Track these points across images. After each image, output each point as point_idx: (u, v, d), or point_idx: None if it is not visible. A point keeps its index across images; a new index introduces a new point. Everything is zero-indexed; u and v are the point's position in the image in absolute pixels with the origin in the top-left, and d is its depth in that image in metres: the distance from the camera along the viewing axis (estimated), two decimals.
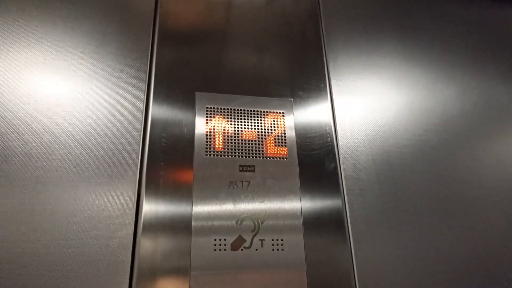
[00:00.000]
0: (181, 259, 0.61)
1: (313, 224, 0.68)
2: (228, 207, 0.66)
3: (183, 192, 0.65)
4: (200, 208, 0.65)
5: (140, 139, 0.68)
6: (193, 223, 0.63)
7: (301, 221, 0.67)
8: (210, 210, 0.65)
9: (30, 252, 0.57)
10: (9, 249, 0.57)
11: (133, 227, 0.62)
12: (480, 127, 0.88)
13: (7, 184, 0.61)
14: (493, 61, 0.97)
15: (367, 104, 0.83)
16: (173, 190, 0.65)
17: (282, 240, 0.66)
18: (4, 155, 0.62)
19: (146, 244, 0.60)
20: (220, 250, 0.63)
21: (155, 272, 0.59)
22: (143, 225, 0.61)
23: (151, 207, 0.63)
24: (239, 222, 0.65)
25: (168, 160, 0.67)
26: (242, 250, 0.64)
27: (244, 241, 0.64)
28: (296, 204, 0.69)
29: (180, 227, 0.63)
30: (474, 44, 0.98)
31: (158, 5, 0.80)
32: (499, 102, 0.92)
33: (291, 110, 0.77)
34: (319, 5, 0.90)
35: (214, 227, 0.64)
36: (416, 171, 0.78)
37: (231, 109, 0.74)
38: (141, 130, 0.69)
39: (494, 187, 0.82)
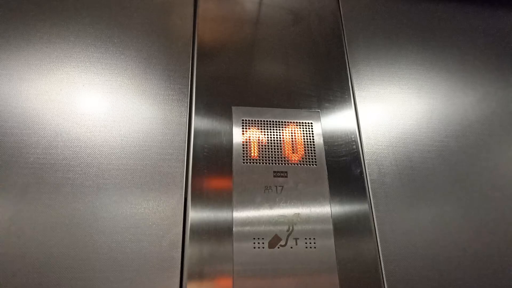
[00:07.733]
0: (225, 257, 0.68)
1: (343, 225, 0.74)
2: (264, 209, 0.73)
3: (224, 196, 0.73)
4: (240, 212, 0.72)
5: (185, 149, 0.76)
6: (234, 226, 0.71)
7: (331, 222, 0.74)
8: (249, 213, 0.72)
9: (97, 251, 0.66)
10: (77, 249, 0.66)
11: (181, 226, 0.70)
12: (498, 132, 0.92)
13: (73, 190, 0.70)
14: (511, 69, 1.01)
15: (389, 112, 0.89)
16: (216, 194, 0.73)
17: (314, 239, 0.72)
18: (69, 165, 0.71)
19: (194, 240, 0.68)
20: (259, 248, 0.70)
21: (203, 266, 0.66)
22: (191, 224, 0.69)
23: (196, 209, 0.70)
24: (274, 223, 0.72)
25: (210, 168, 0.75)
26: (278, 248, 0.71)
27: (280, 239, 0.71)
28: (326, 206, 0.75)
29: (222, 230, 0.70)
30: (492, 53, 1.02)
31: (196, 28, 0.89)
32: None
33: (318, 120, 0.84)
34: (342, 23, 0.97)
35: (252, 229, 0.71)
36: (438, 174, 0.84)
37: (264, 120, 0.81)
38: (185, 142, 0.77)
39: (511, 188, 0.87)
